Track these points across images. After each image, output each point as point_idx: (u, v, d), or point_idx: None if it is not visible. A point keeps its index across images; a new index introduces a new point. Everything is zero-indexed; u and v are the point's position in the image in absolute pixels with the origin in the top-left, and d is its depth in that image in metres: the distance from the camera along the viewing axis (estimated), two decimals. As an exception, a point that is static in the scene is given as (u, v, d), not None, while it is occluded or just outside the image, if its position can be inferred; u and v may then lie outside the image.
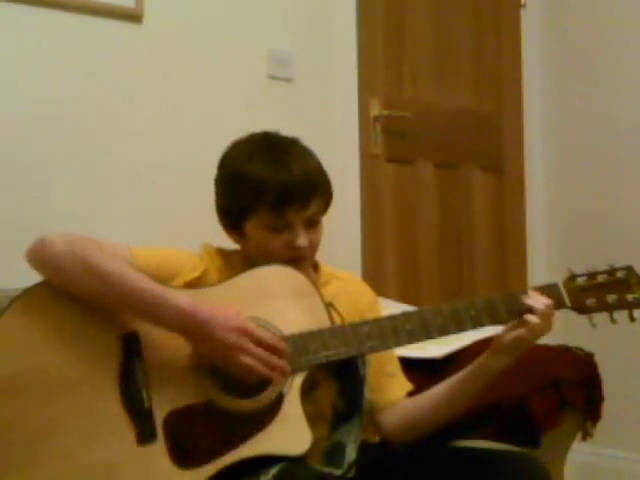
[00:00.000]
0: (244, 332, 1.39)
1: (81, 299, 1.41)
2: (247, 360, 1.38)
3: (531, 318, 1.47)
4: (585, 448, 2.05)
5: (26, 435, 1.35)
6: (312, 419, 1.42)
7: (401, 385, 1.67)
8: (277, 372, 1.41)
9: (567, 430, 1.87)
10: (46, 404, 1.37)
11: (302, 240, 1.52)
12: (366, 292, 1.73)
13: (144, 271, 1.47)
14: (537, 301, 1.49)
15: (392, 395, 1.64)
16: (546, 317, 1.48)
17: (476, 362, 1.56)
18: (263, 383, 1.42)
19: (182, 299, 1.39)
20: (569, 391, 1.82)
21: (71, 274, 1.40)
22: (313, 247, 1.57)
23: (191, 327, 1.38)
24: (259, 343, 1.39)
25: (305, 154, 1.59)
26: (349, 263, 2.58)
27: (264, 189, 1.50)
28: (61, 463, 1.35)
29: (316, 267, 1.66)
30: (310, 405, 1.43)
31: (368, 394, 1.57)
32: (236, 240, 1.60)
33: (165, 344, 1.42)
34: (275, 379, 1.41)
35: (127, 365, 1.41)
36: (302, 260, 1.56)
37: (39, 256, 1.43)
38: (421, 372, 1.81)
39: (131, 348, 1.42)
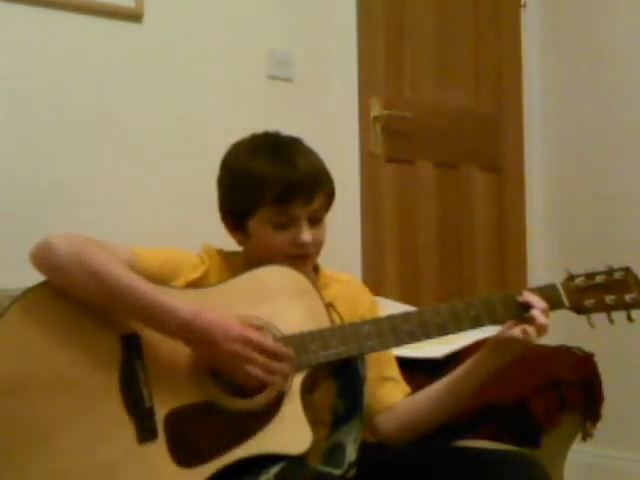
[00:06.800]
0: (247, 341, 1.38)
1: (84, 302, 1.41)
2: (252, 370, 1.38)
3: (532, 317, 1.48)
4: (585, 448, 2.04)
5: (26, 435, 1.35)
6: (311, 424, 1.41)
7: (399, 389, 1.67)
8: (281, 378, 1.41)
9: (567, 430, 1.87)
10: (47, 404, 1.37)
11: (306, 235, 1.52)
12: (365, 295, 1.73)
13: (146, 271, 1.47)
14: (537, 300, 1.50)
15: (390, 399, 1.64)
16: (544, 319, 1.49)
17: (472, 359, 1.57)
18: (263, 383, 1.42)
19: (185, 306, 1.38)
20: (569, 391, 1.82)
21: (75, 279, 1.40)
22: (317, 244, 1.57)
23: (194, 336, 1.38)
24: (262, 350, 1.39)
25: (308, 152, 1.59)
26: (349, 263, 2.59)
27: (268, 183, 1.50)
28: (61, 462, 1.35)
29: (316, 269, 1.66)
30: (308, 411, 1.42)
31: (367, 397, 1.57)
32: (240, 241, 1.60)
33: (165, 343, 1.42)
34: (279, 384, 1.41)
35: (128, 364, 1.41)
36: (306, 257, 1.56)
37: (43, 259, 1.43)
38: (421, 372, 1.81)
39: (132, 347, 1.42)
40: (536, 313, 1.49)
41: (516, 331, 1.49)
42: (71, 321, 1.41)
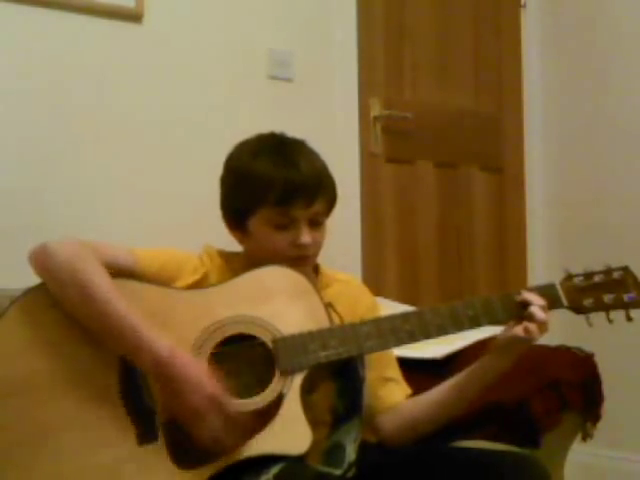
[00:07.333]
0: (214, 402, 1.35)
1: (71, 314, 1.40)
2: (204, 431, 1.35)
3: (531, 313, 1.48)
4: (585, 448, 2.04)
5: (26, 436, 1.36)
6: (311, 425, 1.41)
7: (401, 390, 1.67)
8: (224, 452, 1.37)
9: (567, 431, 1.87)
10: (46, 405, 1.38)
11: (306, 237, 1.52)
12: (365, 295, 1.72)
13: (146, 273, 1.48)
14: (535, 298, 1.50)
15: (391, 399, 1.64)
16: (543, 315, 1.49)
17: (476, 364, 1.57)
18: (263, 384, 1.42)
19: (163, 347, 1.35)
20: (569, 392, 1.82)
21: (66, 293, 1.39)
22: (316, 246, 1.57)
23: (164, 378, 1.36)
24: (224, 416, 1.36)
25: (312, 154, 1.59)
26: (349, 263, 2.59)
27: (270, 185, 1.50)
28: (61, 464, 1.35)
29: (316, 269, 1.66)
30: (308, 412, 1.42)
31: (367, 398, 1.56)
32: (240, 239, 1.60)
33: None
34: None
35: (127, 365, 1.40)
36: (305, 259, 1.56)
37: (40, 264, 1.43)
38: (421, 373, 1.81)
39: (131, 348, 1.42)
40: (535, 309, 1.49)
41: (518, 329, 1.50)
42: (70, 322, 1.41)
